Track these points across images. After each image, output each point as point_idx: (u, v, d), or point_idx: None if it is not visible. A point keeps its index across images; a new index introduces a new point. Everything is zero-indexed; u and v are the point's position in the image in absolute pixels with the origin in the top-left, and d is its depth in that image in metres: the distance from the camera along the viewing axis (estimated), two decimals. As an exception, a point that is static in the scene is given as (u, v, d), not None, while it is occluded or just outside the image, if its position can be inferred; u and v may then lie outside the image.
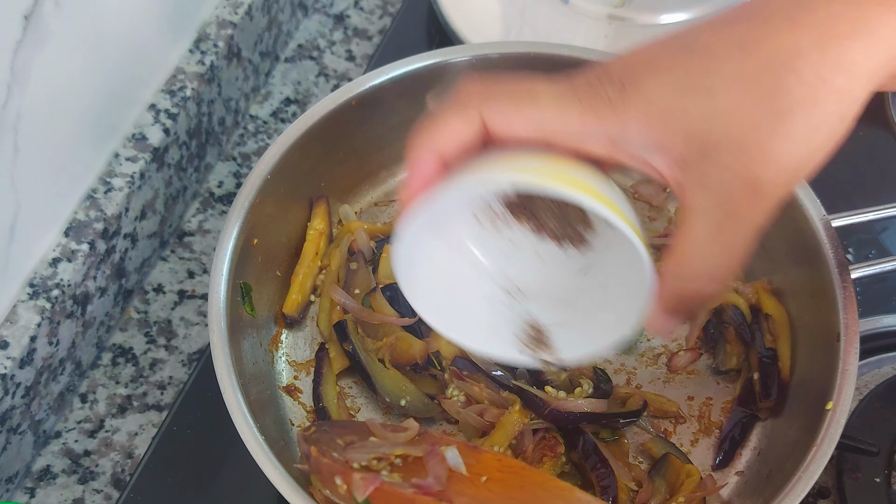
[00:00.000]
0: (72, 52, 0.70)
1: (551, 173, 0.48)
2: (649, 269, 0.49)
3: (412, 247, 0.52)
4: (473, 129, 0.50)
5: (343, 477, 0.57)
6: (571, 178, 0.48)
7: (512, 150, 0.50)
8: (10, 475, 0.73)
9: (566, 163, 0.49)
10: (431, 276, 0.57)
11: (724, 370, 0.77)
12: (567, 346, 0.58)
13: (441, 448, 0.59)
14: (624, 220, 0.48)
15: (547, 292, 0.59)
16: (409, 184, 0.51)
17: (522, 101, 0.49)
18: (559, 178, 0.48)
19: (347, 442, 0.61)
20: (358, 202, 0.85)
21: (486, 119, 0.49)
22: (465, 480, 0.57)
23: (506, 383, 0.72)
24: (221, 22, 0.88)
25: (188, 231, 0.88)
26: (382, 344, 0.75)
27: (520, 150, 0.50)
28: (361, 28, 1.02)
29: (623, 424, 0.73)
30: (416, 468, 0.58)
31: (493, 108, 0.49)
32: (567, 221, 0.55)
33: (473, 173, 0.49)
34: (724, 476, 0.73)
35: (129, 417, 0.78)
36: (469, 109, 0.50)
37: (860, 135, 0.94)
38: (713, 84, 0.46)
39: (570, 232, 0.55)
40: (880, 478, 0.71)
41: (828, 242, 0.71)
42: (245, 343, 0.72)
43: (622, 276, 0.53)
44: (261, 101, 0.96)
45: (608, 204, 0.48)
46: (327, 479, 0.58)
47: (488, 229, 0.56)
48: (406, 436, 0.62)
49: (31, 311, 0.71)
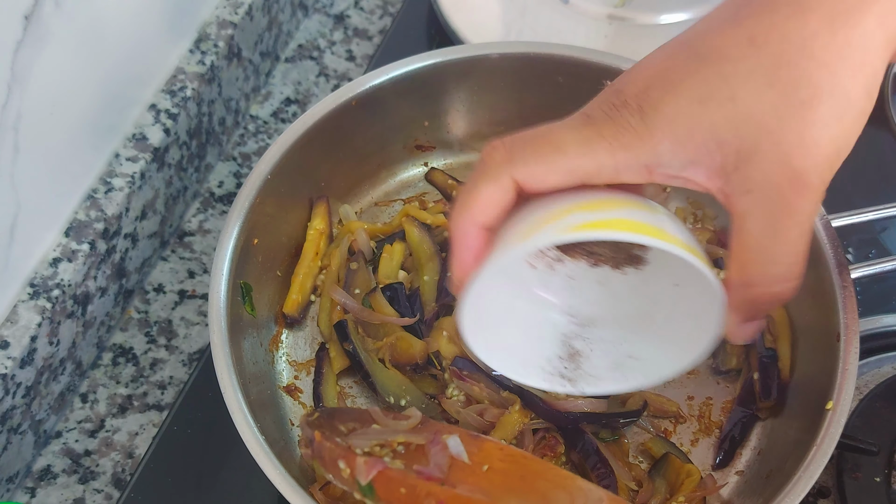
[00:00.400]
0: (72, 52, 0.70)
1: (593, 221, 0.48)
2: (716, 283, 0.48)
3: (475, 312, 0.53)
4: (508, 194, 0.50)
5: (346, 461, 0.57)
6: (610, 218, 0.48)
7: (550, 200, 0.50)
8: (10, 475, 0.73)
9: (603, 203, 0.49)
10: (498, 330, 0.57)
11: (724, 370, 0.77)
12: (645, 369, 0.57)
13: (443, 436, 0.59)
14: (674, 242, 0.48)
15: (616, 317, 0.58)
16: (460, 260, 0.51)
17: (548, 155, 0.48)
18: (596, 223, 0.47)
19: (350, 429, 0.61)
20: (358, 202, 0.85)
21: (518, 181, 0.49)
22: (466, 469, 0.57)
23: (506, 383, 0.72)
24: (222, 22, 0.88)
25: (188, 231, 0.88)
26: (382, 344, 0.75)
27: (557, 199, 0.50)
28: (361, 28, 1.02)
29: (623, 424, 0.73)
30: (418, 456, 0.59)
31: (522, 170, 0.49)
32: (621, 248, 0.54)
33: (517, 241, 0.49)
34: (724, 476, 0.73)
35: (130, 417, 0.78)
36: (501, 176, 0.49)
37: (860, 135, 0.95)
38: (733, 89, 0.46)
39: (627, 256, 0.55)
40: (880, 477, 0.71)
41: (828, 242, 0.71)
42: (245, 343, 0.72)
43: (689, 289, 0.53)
44: (261, 101, 0.96)
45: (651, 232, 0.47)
46: (330, 464, 0.58)
47: (545, 272, 0.56)
48: (408, 424, 0.62)
49: (31, 311, 0.71)
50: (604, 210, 0.49)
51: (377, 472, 0.56)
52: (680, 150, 0.47)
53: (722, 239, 0.82)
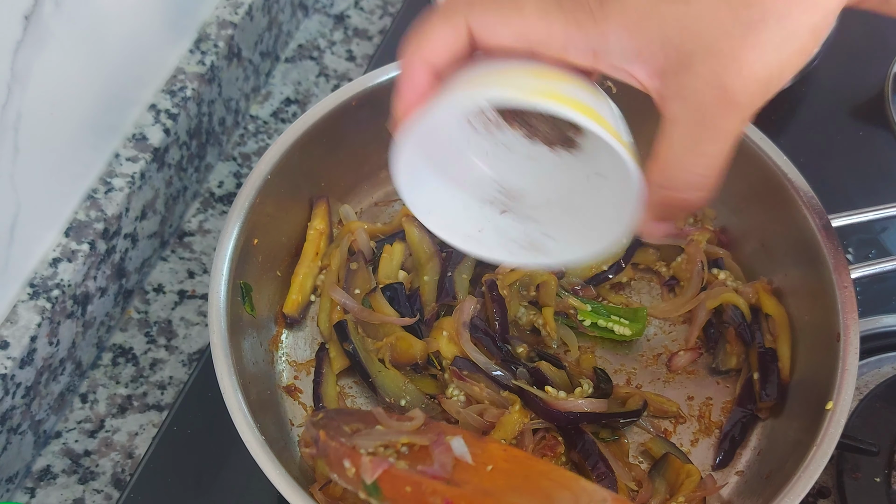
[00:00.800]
0: (72, 52, 0.70)
1: (536, 87, 0.49)
2: (636, 176, 0.50)
3: (410, 156, 0.54)
4: (461, 38, 0.50)
5: (352, 460, 0.57)
6: (556, 91, 0.49)
7: (500, 61, 0.51)
8: (10, 475, 0.73)
9: (552, 75, 0.50)
10: (429, 183, 0.58)
11: (724, 370, 0.77)
12: (559, 249, 0.59)
13: (447, 437, 0.59)
14: (608, 129, 0.49)
15: (540, 194, 0.59)
16: (405, 96, 0.51)
17: (507, 10, 0.50)
18: (543, 92, 0.49)
19: (354, 430, 0.61)
20: (358, 202, 0.85)
21: (472, 27, 0.50)
22: (470, 469, 0.57)
23: (506, 383, 0.72)
24: (222, 22, 0.88)
25: (188, 231, 0.88)
26: (382, 344, 0.75)
27: (508, 62, 0.51)
28: (361, 28, 1.02)
29: (623, 424, 0.73)
30: (422, 457, 0.59)
31: (478, 17, 0.50)
32: (558, 127, 0.55)
33: (465, 88, 0.50)
34: (724, 476, 0.73)
35: (130, 417, 0.78)
36: (456, 17, 0.50)
37: (860, 135, 0.95)
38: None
39: (561, 137, 0.56)
40: (880, 478, 0.71)
41: (828, 242, 0.71)
42: (245, 343, 0.72)
43: (613, 179, 0.54)
44: (261, 101, 0.96)
45: (590, 114, 0.49)
46: (335, 463, 0.58)
47: (482, 134, 0.57)
48: (412, 425, 0.62)
49: (31, 311, 0.71)
50: (552, 81, 0.49)
51: (382, 470, 0.56)
52: (627, 40, 0.48)
53: (722, 239, 0.82)
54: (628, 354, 0.78)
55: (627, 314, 0.78)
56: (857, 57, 0.99)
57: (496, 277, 0.75)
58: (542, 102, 0.48)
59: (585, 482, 0.55)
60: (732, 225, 0.82)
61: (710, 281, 0.79)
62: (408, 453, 0.60)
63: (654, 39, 0.47)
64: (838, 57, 0.96)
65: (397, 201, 0.85)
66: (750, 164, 0.76)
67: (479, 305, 0.75)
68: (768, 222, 0.78)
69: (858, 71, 0.99)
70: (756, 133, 0.76)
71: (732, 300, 0.77)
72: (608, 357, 0.78)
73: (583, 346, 0.78)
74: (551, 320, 0.76)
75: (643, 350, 0.78)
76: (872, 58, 0.99)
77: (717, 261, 0.80)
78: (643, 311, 0.78)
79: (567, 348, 0.77)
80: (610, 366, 0.77)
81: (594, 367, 0.76)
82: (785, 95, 0.92)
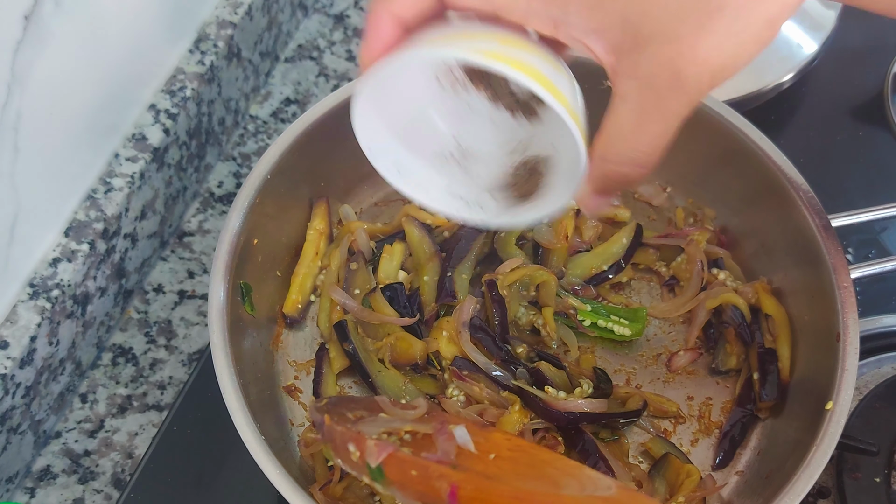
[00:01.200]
0: (72, 52, 0.70)
1: (500, 52, 0.50)
2: (582, 149, 0.51)
3: (370, 106, 0.55)
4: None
5: (356, 444, 0.57)
6: (517, 58, 0.50)
7: (470, 24, 0.52)
8: (10, 475, 0.73)
9: (518, 43, 0.51)
10: (389, 135, 0.59)
11: (723, 370, 0.77)
12: (505, 210, 0.60)
13: (450, 426, 0.59)
14: (560, 101, 0.50)
15: (497, 158, 0.61)
16: (370, 45, 0.52)
17: None
18: (505, 57, 0.50)
19: (357, 417, 0.61)
20: (358, 202, 0.85)
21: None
22: (473, 457, 0.57)
23: (506, 383, 0.72)
24: (221, 22, 0.88)
25: (188, 231, 0.88)
26: (382, 344, 0.75)
27: (477, 25, 0.52)
28: (361, 28, 1.01)
29: (623, 424, 0.73)
30: (425, 444, 0.59)
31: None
32: (521, 94, 0.57)
33: (431, 44, 0.51)
34: (724, 476, 0.73)
35: (129, 417, 0.78)
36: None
37: (860, 135, 0.95)
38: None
39: (524, 106, 0.57)
40: (880, 478, 0.71)
41: (828, 242, 0.71)
42: (245, 343, 0.72)
43: (563, 151, 0.56)
44: (261, 101, 0.96)
45: (546, 84, 0.50)
46: (340, 447, 0.58)
47: (448, 92, 0.58)
48: (415, 413, 0.62)
49: (31, 311, 0.71)
50: (517, 49, 0.51)
51: (388, 454, 0.56)
52: (587, 14, 0.49)
53: (722, 239, 0.82)
54: (628, 354, 0.78)
55: (627, 314, 0.78)
56: (857, 57, 1.00)
57: (496, 277, 0.75)
58: (502, 67, 0.49)
59: (590, 470, 0.55)
60: (732, 225, 0.82)
61: (710, 281, 0.79)
62: (411, 441, 0.60)
63: (614, 18, 0.48)
64: (838, 57, 0.97)
65: (397, 201, 0.85)
66: (750, 164, 0.76)
67: (479, 305, 0.75)
68: (768, 222, 0.78)
69: (858, 71, 0.99)
70: (756, 133, 0.76)
71: (732, 300, 0.77)
72: (608, 357, 0.78)
73: (583, 346, 0.78)
74: (551, 320, 0.76)
75: (643, 350, 0.78)
76: (872, 58, 0.99)
77: (717, 261, 0.80)
78: (643, 311, 0.78)
79: (567, 348, 0.77)
80: (610, 366, 0.77)
81: (594, 367, 0.75)
82: (785, 95, 0.92)
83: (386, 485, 0.57)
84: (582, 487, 0.54)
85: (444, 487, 0.54)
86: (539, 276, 0.76)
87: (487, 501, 0.54)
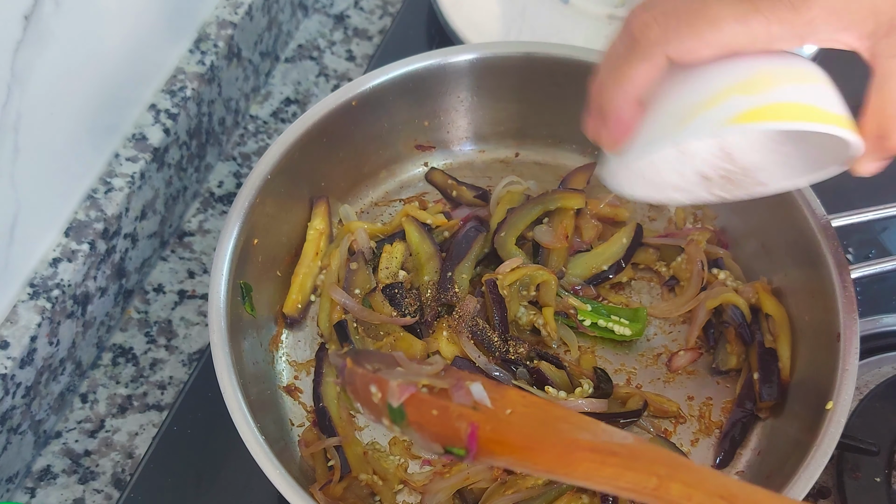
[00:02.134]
0: (72, 52, 0.70)
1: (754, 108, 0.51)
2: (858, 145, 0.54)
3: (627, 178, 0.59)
4: (660, 69, 0.53)
5: (378, 385, 0.57)
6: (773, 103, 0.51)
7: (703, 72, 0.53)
8: (10, 475, 0.73)
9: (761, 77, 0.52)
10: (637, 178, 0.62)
11: (724, 370, 0.77)
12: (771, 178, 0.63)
13: (466, 382, 0.59)
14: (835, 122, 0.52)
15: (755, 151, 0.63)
16: (613, 133, 0.55)
17: (704, 31, 0.51)
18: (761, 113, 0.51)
19: (375, 369, 0.61)
20: (358, 202, 0.85)
21: (671, 56, 0.52)
22: (489, 412, 0.57)
23: (506, 383, 0.72)
24: (221, 22, 0.88)
25: (188, 231, 0.88)
26: (382, 344, 0.75)
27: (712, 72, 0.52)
28: (361, 28, 1.02)
29: (623, 424, 0.73)
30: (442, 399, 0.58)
31: (677, 46, 0.52)
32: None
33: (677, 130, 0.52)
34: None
35: (130, 417, 0.78)
36: (654, 53, 0.52)
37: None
38: None
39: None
40: (880, 477, 0.71)
41: (828, 242, 0.71)
42: (245, 343, 0.72)
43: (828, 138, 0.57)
44: (261, 101, 0.96)
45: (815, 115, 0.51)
46: (361, 389, 0.58)
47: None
48: (432, 369, 0.62)
49: (31, 311, 0.71)
50: (763, 90, 0.52)
51: (409, 394, 0.56)
52: (834, 19, 0.51)
53: (722, 239, 0.82)
54: (628, 354, 0.78)
55: (627, 314, 0.78)
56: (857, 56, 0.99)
57: (496, 277, 0.75)
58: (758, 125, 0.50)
59: (605, 425, 0.55)
60: (732, 225, 0.82)
61: (710, 281, 0.79)
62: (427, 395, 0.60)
63: (864, 13, 0.51)
64: (838, 56, 0.96)
65: (397, 201, 0.85)
66: (750, 164, 0.76)
67: (479, 305, 0.75)
68: (768, 222, 0.78)
69: (858, 70, 0.99)
70: (756, 133, 0.76)
71: (732, 300, 0.77)
72: (608, 357, 0.78)
73: (583, 346, 0.78)
74: (551, 320, 0.76)
75: (643, 350, 0.78)
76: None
77: (717, 261, 0.80)
78: (643, 311, 0.78)
79: (567, 348, 0.77)
80: (610, 366, 0.77)
81: (594, 367, 0.75)
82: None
83: (405, 426, 0.57)
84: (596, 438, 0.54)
85: (464, 427, 0.54)
86: (539, 275, 0.76)
87: (506, 443, 0.54)
